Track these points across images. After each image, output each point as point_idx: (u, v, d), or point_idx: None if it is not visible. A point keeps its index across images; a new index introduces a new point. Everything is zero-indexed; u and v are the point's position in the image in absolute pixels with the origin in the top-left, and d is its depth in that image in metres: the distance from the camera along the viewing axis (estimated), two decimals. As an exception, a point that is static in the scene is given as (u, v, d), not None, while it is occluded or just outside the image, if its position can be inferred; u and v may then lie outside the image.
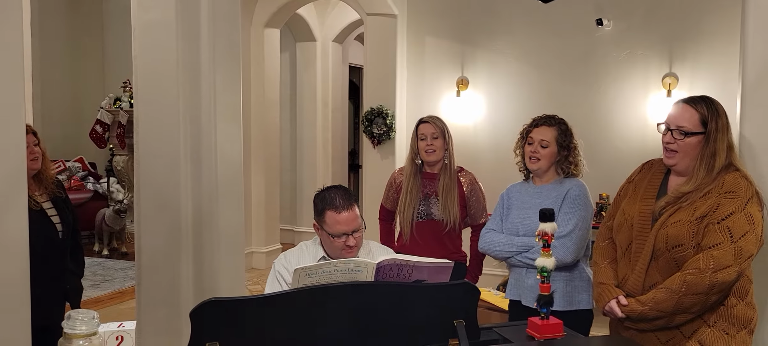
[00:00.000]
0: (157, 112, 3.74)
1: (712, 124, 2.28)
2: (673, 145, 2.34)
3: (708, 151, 2.28)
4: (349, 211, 2.49)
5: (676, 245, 2.25)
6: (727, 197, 2.21)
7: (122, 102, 7.98)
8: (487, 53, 6.01)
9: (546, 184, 2.98)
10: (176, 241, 3.73)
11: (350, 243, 2.49)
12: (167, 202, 3.72)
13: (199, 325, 1.71)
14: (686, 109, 2.33)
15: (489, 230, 3.06)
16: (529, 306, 2.85)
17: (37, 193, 3.14)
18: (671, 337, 2.28)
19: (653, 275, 2.31)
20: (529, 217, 2.92)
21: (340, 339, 1.83)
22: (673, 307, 2.20)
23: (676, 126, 2.32)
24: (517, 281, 2.98)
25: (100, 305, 5.65)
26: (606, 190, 5.57)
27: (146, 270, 3.84)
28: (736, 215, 2.18)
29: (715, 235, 2.18)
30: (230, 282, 3.91)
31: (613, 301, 2.37)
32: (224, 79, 3.80)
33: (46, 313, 2.89)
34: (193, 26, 3.66)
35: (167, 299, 3.77)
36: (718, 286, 2.16)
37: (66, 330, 1.55)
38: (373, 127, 6.04)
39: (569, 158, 2.96)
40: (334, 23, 8.13)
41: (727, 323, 2.23)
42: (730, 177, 2.25)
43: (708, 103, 2.33)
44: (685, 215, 2.25)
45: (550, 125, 2.97)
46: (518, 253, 2.91)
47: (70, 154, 8.56)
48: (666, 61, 5.42)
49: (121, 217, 7.49)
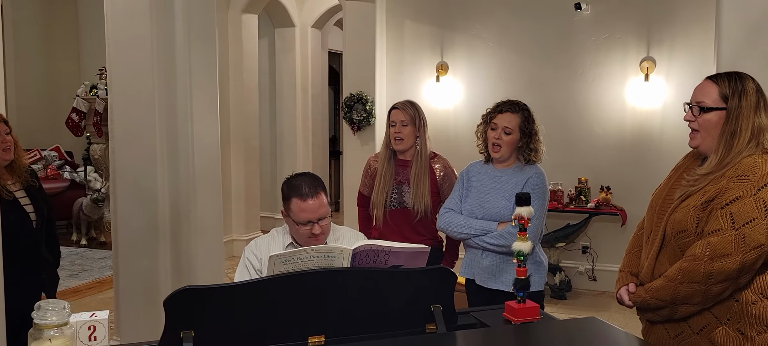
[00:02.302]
0: (132, 100, 3.70)
1: (734, 100, 2.08)
2: (693, 123, 2.18)
3: (728, 129, 2.08)
4: (315, 199, 2.44)
5: (681, 231, 2.11)
6: (738, 180, 2.02)
7: (98, 90, 7.87)
8: (466, 38, 6.00)
9: (506, 168, 3.02)
10: (154, 230, 3.71)
11: (315, 231, 2.45)
12: (144, 191, 3.69)
13: (174, 314, 1.69)
14: (706, 84, 2.17)
15: (448, 209, 3.10)
16: (482, 286, 2.98)
17: (10, 182, 3.09)
18: (680, 332, 2.15)
19: (663, 263, 2.19)
20: (488, 201, 2.98)
21: (315, 326, 1.82)
22: (671, 296, 2.08)
23: (695, 102, 2.17)
24: (471, 261, 3.05)
25: (79, 294, 5.60)
26: (584, 174, 5.61)
27: (124, 259, 3.82)
28: (743, 199, 1.99)
29: (716, 221, 2.02)
30: (209, 270, 3.90)
31: (624, 288, 2.29)
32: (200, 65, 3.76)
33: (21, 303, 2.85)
34: (167, 12, 3.62)
35: (145, 288, 3.75)
36: (715, 275, 1.99)
37: (36, 321, 1.53)
38: (352, 113, 6.01)
39: (530, 145, 2.98)
40: (312, 8, 8.07)
41: (742, 323, 2.03)
42: (749, 159, 2.04)
43: (732, 78, 2.13)
44: (693, 200, 2.10)
45: (514, 112, 2.99)
46: (476, 236, 2.96)
47: (46, 143, 8.45)
48: (644, 45, 5.45)
49: (99, 206, 7.41)
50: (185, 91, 3.68)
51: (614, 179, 5.51)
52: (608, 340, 1.97)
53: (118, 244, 3.81)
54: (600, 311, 5.12)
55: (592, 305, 5.39)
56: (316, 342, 1.82)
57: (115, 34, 3.69)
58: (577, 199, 5.56)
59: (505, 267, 2.92)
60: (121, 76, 3.70)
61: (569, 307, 5.34)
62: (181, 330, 1.69)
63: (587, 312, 5.12)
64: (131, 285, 3.80)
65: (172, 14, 3.62)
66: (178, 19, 3.63)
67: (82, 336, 1.66)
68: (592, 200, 5.53)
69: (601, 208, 5.43)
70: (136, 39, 3.62)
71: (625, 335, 2.10)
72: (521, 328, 1.99)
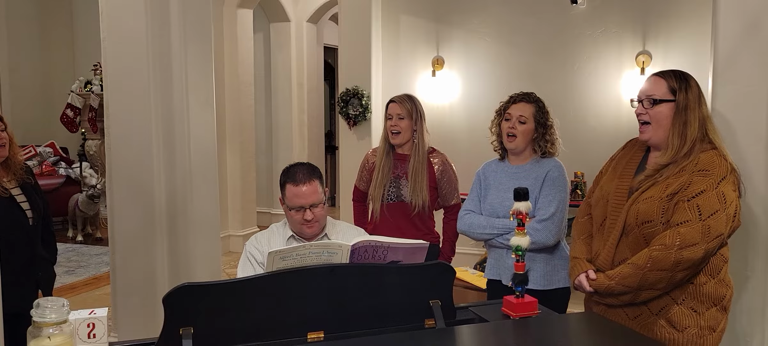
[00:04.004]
0: (127, 96, 3.68)
1: (682, 94, 2.29)
2: (644, 116, 2.36)
3: (679, 120, 2.28)
4: (308, 185, 2.48)
5: (646, 221, 2.25)
6: (700, 175, 2.21)
7: (93, 85, 7.85)
8: (462, 32, 6.00)
9: (523, 164, 2.98)
10: (151, 226, 3.70)
11: (307, 217, 2.48)
12: (141, 187, 3.68)
13: (173, 310, 1.69)
14: (655, 80, 2.36)
15: (468, 211, 3.04)
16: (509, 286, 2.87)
17: (5, 179, 3.07)
18: (639, 314, 2.30)
19: (623, 250, 2.32)
20: (508, 199, 2.88)
21: (314, 321, 1.82)
22: (638, 282, 2.21)
23: (646, 96, 2.36)
24: (497, 261, 2.99)
25: (75, 291, 5.59)
26: (580, 168, 5.62)
27: (121, 256, 3.81)
28: (706, 193, 2.18)
29: (683, 212, 2.18)
30: (206, 266, 3.89)
31: (583, 275, 2.39)
32: (196, 60, 3.75)
33: (17, 300, 2.85)
34: (163, 8, 3.61)
35: (142, 284, 3.74)
36: (683, 263, 2.16)
37: (35, 319, 1.52)
38: (348, 108, 6.00)
39: (546, 136, 2.95)
40: (307, 3, 8.05)
41: (695, 301, 2.23)
42: (706, 156, 2.24)
43: (677, 74, 2.35)
44: (656, 192, 2.25)
45: (527, 102, 2.97)
46: (499, 235, 2.90)
47: (41, 139, 8.42)
48: (639, 39, 5.45)
49: (94, 202, 7.40)
50: (181, 86, 3.67)
51: (610, 172, 5.52)
52: (606, 334, 1.98)
53: (115, 240, 3.80)
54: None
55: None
56: (316, 338, 1.82)
57: (111, 30, 3.67)
58: (573, 193, 5.56)
59: (532, 265, 2.84)
60: (117, 72, 3.69)
61: (566, 301, 5.34)
62: (180, 327, 1.69)
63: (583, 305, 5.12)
64: (128, 282, 3.79)
65: (168, 10, 3.61)
66: (173, 14, 3.61)
67: (81, 334, 1.66)
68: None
69: (597, 202, 5.44)
70: (132, 35, 3.60)
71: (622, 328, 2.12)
72: (520, 322, 1.99)
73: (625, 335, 2.01)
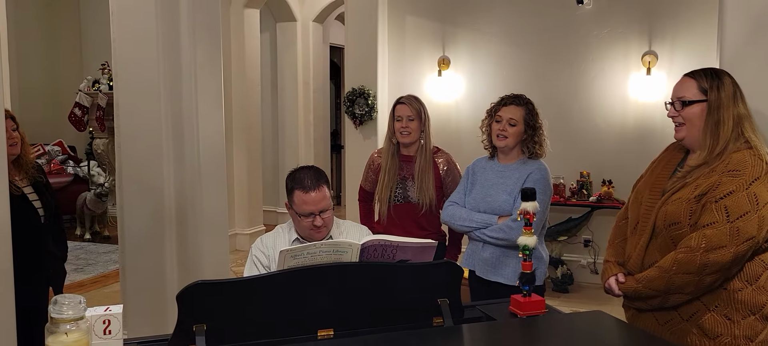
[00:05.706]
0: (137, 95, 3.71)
1: (713, 93, 2.20)
2: (677, 118, 2.29)
3: (712, 119, 2.19)
4: (317, 191, 2.47)
5: (673, 223, 2.18)
6: (730, 175, 2.12)
7: (101, 84, 7.90)
8: (468, 32, 6.02)
9: (510, 163, 3.07)
10: (160, 224, 3.73)
11: (317, 223, 2.48)
12: (150, 185, 3.71)
13: (187, 307, 1.72)
14: (685, 81, 2.30)
15: (452, 202, 3.17)
16: (482, 277, 3.04)
17: (17, 178, 3.11)
18: (669, 319, 2.22)
19: (653, 253, 2.26)
20: (490, 195, 3.04)
21: (325, 320, 1.85)
22: (665, 285, 2.15)
23: (676, 98, 2.29)
24: (473, 253, 3.11)
25: (84, 289, 5.63)
26: (586, 167, 5.63)
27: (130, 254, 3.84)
28: (736, 194, 2.08)
29: (711, 214, 2.10)
30: (215, 264, 3.92)
31: (612, 278, 2.35)
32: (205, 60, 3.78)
33: (29, 296, 2.90)
34: (172, 7, 3.63)
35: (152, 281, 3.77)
36: (710, 266, 2.07)
37: (53, 315, 1.55)
38: (354, 107, 6.03)
39: (535, 138, 3.03)
40: (314, 3, 8.07)
41: (729, 309, 2.12)
42: (738, 155, 2.14)
43: (708, 73, 2.27)
44: (685, 193, 2.18)
45: (518, 105, 3.05)
46: (477, 228, 3.02)
47: (49, 138, 8.46)
48: (646, 39, 5.46)
49: (102, 200, 7.45)
50: (190, 86, 3.70)
51: (616, 172, 5.53)
52: (614, 333, 1.99)
53: (125, 239, 3.83)
54: (602, 304, 5.11)
55: (594, 298, 5.41)
56: (325, 335, 1.85)
57: (121, 29, 3.70)
58: (579, 192, 5.58)
59: (504, 260, 2.98)
60: (127, 71, 3.72)
61: (571, 300, 5.36)
62: (193, 324, 1.72)
63: (589, 305, 5.14)
64: (138, 279, 3.82)
65: (178, 10, 3.63)
66: (183, 14, 3.64)
67: (96, 330, 1.69)
68: (594, 194, 5.56)
69: (603, 201, 5.46)
70: (142, 34, 3.63)
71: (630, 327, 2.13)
72: (527, 321, 2.01)
73: (632, 335, 2.02)
